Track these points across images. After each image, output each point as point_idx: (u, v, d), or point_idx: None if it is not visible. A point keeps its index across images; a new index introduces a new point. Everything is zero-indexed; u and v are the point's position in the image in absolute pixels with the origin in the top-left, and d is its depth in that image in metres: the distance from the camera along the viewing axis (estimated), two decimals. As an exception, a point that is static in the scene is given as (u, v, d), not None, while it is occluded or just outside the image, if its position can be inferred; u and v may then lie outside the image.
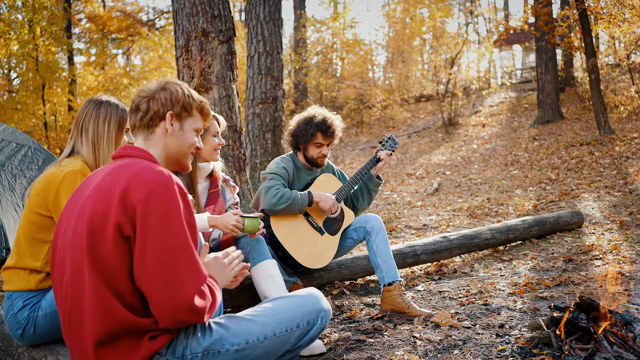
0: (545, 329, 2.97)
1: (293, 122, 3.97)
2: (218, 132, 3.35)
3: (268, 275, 3.33)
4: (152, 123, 2.00)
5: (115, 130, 2.66)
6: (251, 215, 3.17)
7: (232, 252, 2.12)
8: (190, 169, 2.18)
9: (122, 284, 1.75)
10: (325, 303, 2.07)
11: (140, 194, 1.72)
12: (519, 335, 3.04)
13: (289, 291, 3.64)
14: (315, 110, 3.91)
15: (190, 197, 1.89)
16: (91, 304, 1.73)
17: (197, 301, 1.74)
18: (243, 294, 3.75)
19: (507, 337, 3.05)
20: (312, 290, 2.10)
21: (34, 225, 2.49)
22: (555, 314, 3.00)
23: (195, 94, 2.10)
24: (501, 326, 3.22)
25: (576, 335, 2.82)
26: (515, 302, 3.71)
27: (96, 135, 2.62)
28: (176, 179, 1.82)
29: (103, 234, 1.73)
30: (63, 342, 2.52)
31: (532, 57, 27.37)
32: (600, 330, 2.69)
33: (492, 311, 3.53)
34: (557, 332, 2.83)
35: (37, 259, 2.47)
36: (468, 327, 3.25)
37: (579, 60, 19.17)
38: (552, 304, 3.00)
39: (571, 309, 2.96)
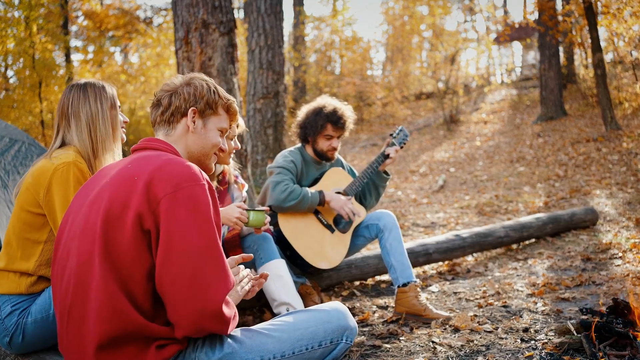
0: (575, 334, 2.77)
1: (301, 112, 3.74)
2: (235, 135, 3.12)
3: (276, 275, 3.12)
4: (173, 119, 1.86)
5: (109, 108, 2.44)
6: (256, 209, 2.96)
7: (242, 270, 1.94)
8: (213, 170, 1.99)
9: (135, 281, 1.56)
10: (352, 320, 1.86)
11: (166, 186, 1.56)
12: (545, 340, 2.84)
13: (298, 292, 3.43)
14: (325, 101, 3.68)
15: None
16: (98, 300, 1.53)
17: (225, 309, 1.56)
18: (248, 296, 3.54)
19: (533, 342, 2.85)
20: (337, 305, 1.88)
21: (25, 225, 2.27)
22: (585, 317, 2.79)
23: (222, 91, 1.93)
24: (525, 330, 3.02)
25: (610, 340, 2.62)
26: (536, 303, 3.51)
27: (90, 117, 2.38)
28: (205, 176, 1.66)
29: (121, 223, 1.56)
30: (54, 350, 2.31)
31: (531, 55, 27.18)
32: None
33: (513, 314, 3.33)
34: (590, 337, 2.63)
35: (29, 261, 2.24)
36: (490, 331, 3.04)
37: (581, 56, 18.96)
38: (584, 307, 2.80)
39: (604, 312, 2.76)
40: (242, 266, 1.96)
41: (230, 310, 1.59)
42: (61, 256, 1.68)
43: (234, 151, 3.13)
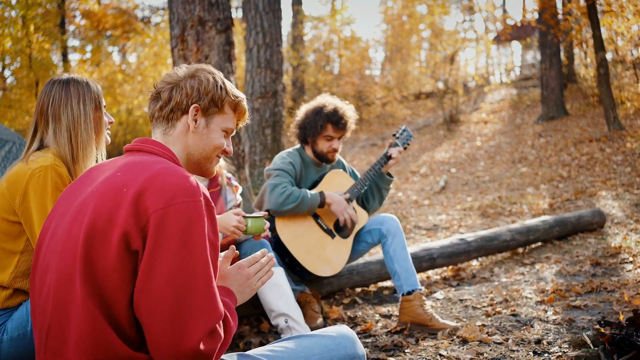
0: (592, 347, 2.61)
1: (301, 112, 3.57)
2: None
3: (274, 284, 2.96)
4: (173, 116, 1.66)
5: (92, 110, 2.22)
6: (255, 215, 2.78)
7: (260, 257, 1.73)
8: (214, 174, 1.79)
9: (120, 307, 1.38)
10: (360, 347, 1.67)
11: (158, 200, 1.37)
12: (560, 353, 2.68)
13: (296, 301, 3.26)
14: (326, 100, 3.50)
15: None
16: (78, 327, 1.35)
17: (205, 345, 1.36)
18: (245, 304, 3.37)
19: (546, 355, 2.69)
20: (345, 330, 1.69)
21: (0, 234, 2.08)
22: (603, 330, 2.63)
23: (230, 87, 1.72)
24: (538, 342, 2.86)
25: (629, 354, 2.46)
26: (546, 311, 3.35)
27: (72, 121, 2.17)
28: (203, 188, 1.46)
29: (105, 241, 1.37)
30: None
31: (531, 54, 27.05)
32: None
33: (524, 323, 3.16)
34: (608, 351, 2.47)
35: (4, 273, 2.06)
36: (500, 343, 2.88)
37: (580, 56, 18.81)
38: (602, 319, 2.64)
39: (623, 324, 2.60)
40: (263, 250, 1.75)
41: (213, 345, 1.39)
42: (41, 268, 1.50)
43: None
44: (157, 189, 1.39)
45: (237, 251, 3.12)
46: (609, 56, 17.26)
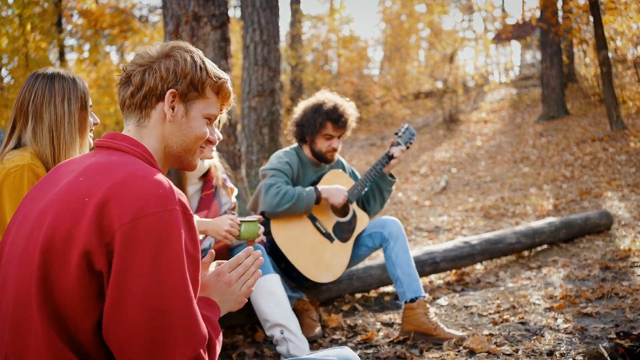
0: (609, 360, 2.44)
1: (298, 109, 3.38)
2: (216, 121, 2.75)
3: (269, 292, 2.78)
4: (147, 103, 1.43)
5: (77, 110, 2.04)
6: (248, 219, 2.61)
7: (244, 257, 1.52)
8: (197, 167, 1.57)
9: (84, 334, 1.20)
10: None
11: (125, 212, 1.17)
12: (574, 366, 2.51)
13: (293, 309, 3.09)
14: (325, 96, 3.32)
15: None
16: (38, 354, 1.17)
17: None
18: (238, 312, 3.19)
19: (560, 368, 2.52)
20: (346, 353, 1.50)
21: (-29, 237, 1.92)
22: (620, 341, 2.47)
23: (211, 67, 1.49)
24: (550, 353, 2.68)
25: (650, 368, 2.30)
26: (556, 319, 3.18)
27: (55, 120, 1.98)
28: (179, 194, 1.25)
29: (64, 260, 1.18)
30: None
31: (530, 54, 26.93)
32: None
33: (533, 332, 2.99)
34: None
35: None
36: (509, 354, 2.71)
37: (579, 56, 18.67)
38: (618, 330, 2.47)
39: (643, 336, 2.43)
40: (246, 250, 1.53)
41: None
42: (1, 278, 1.31)
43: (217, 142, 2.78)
44: (123, 198, 1.19)
45: (229, 255, 2.95)
46: (609, 55, 17.13)
